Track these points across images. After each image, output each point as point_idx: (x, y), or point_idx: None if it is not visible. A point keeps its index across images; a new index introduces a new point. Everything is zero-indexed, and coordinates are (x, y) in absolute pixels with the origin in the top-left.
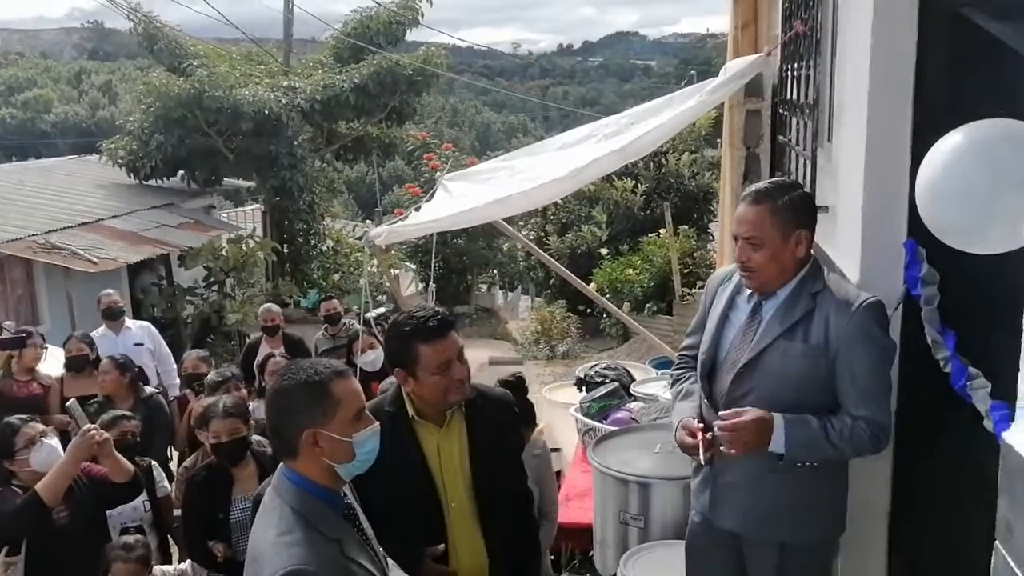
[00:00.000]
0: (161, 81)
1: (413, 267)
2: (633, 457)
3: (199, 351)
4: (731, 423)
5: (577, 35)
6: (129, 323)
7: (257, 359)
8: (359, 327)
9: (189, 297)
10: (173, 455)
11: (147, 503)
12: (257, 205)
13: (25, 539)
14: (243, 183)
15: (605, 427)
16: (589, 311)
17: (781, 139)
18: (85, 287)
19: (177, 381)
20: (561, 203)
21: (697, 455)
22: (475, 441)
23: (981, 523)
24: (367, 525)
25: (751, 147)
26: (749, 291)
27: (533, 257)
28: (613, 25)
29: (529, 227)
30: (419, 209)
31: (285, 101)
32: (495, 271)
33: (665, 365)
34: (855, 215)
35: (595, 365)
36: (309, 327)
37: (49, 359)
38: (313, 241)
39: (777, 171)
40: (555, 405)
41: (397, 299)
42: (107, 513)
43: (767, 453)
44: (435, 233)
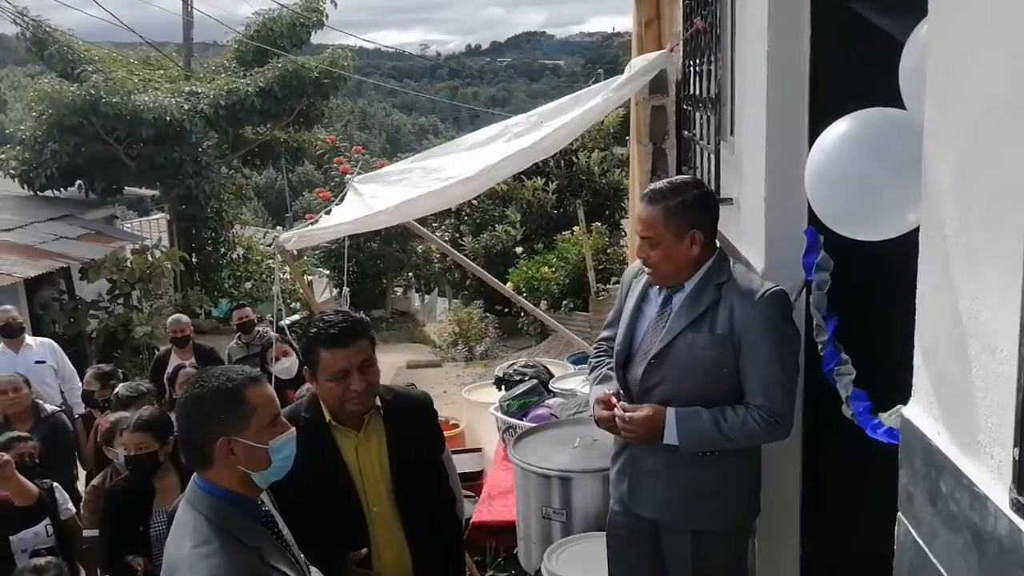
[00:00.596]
0: (53, 87)
1: (327, 272)
2: (553, 452)
3: (96, 367)
4: (626, 416)
5: (485, 36)
6: (30, 340)
7: (167, 371)
8: (273, 335)
9: (93, 311)
10: (80, 475)
11: (49, 527)
12: (162, 214)
13: None
14: (146, 192)
15: (525, 424)
16: (506, 311)
17: (686, 134)
18: None
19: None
20: (475, 203)
21: (615, 428)
22: (394, 444)
23: (887, 500)
24: (287, 531)
25: (657, 143)
26: None
27: (449, 259)
28: (521, 25)
29: (443, 228)
30: (329, 212)
31: (187, 107)
32: (411, 274)
33: (582, 361)
34: (758, 206)
35: (513, 364)
36: (221, 337)
37: None
38: (222, 249)
39: (683, 166)
40: (475, 405)
41: (311, 306)
42: (9, 539)
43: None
44: (347, 237)
